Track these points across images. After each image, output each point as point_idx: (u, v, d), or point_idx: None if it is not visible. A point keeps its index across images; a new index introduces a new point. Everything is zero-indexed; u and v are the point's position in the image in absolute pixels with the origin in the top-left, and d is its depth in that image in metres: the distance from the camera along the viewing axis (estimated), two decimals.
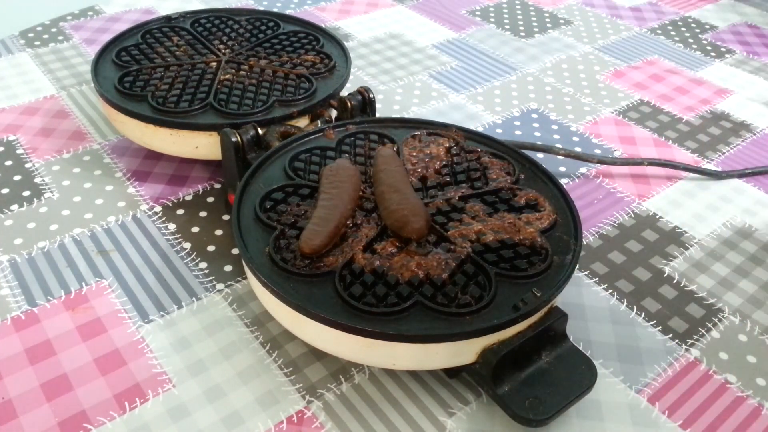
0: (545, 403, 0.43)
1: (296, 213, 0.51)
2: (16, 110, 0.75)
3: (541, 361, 0.46)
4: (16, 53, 0.86)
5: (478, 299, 0.44)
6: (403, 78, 0.85)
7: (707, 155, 0.74)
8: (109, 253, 0.57)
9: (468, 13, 1.02)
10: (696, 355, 0.51)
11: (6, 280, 0.55)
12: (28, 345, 0.49)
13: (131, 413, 0.45)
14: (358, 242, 0.48)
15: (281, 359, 0.49)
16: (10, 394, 0.46)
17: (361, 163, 0.56)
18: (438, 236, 0.49)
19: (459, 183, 0.55)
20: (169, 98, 0.63)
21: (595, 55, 0.92)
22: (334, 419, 0.45)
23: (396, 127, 0.61)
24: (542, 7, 1.05)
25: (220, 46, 0.72)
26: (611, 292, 0.56)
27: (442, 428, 0.45)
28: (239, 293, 0.54)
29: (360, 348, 0.43)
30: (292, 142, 0.58)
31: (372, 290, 0.44)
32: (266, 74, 0.67)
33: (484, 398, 0.47)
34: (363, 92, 0.63)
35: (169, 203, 0.63)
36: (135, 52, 0.70)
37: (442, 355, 0.43)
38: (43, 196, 0.63)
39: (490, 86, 0.84)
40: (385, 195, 0.50)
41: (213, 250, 0.58)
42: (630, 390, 0.48)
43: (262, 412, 0.46)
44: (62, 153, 0.69)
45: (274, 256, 0.46)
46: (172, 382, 0.47)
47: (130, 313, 0.52)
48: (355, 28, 0.96)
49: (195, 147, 0.61)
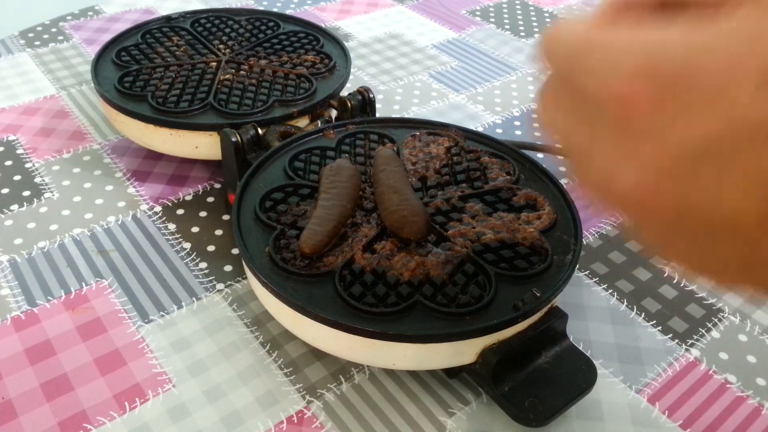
0: (545, 403, 0.43)
1: (296, 213, 0.51)
2: (16, 110, 0.75)
3: (541, 361, 0.46)
4: (16, 53, 0.86)
5: (478, 299, 0.44)
6: (403, 78, 0.85)
7: None
8: (109, 253, 0.57)
9: (468, 13, 1.02)
10: (696, 355, 0.51)
11: (6, 280, 0.55)
12: (28, 345, 0.49)
13: (131, 413, 0.45)
14: (358, 242, 0.48)
15: (281, 359, 0.49)
16: (10, 394, 0.46)
17: (361, 163, 0.56)
18: (438, 236, 0.49)
19: (459, 183, 0.55)
20: (169, 98, 0.63)
21: None
22: (334, 419, 0.45)
23: (396, 127, 0.61)
24: (542, 7, 1.05)
25: (220, 46, 0.72)
26: (611, 292, 0.56)
27: (442, 428, 0.45)
28: (239, 293, 0.54)
29: (360, 348, 0.43)
30: (292, 142, 0.58)
31: (372, 290, 0.44)
32: (266, 74, 0.67)
33: (484, 398, 0.47)
34: (363, 92, 0.63)
35: (169, 203, 0.63)
36: (135, 52, 0.70)
37: (442, 355, 0.43)
38: (43, 196, 0.63)
39: (490, 86, 0.84)
40: (384, 195, 0.50)
41: (213, 250, 0.58)
42: (630, 390, 0.48)
43: (262, 412, 0.46)
44: (62, 153, 0.69)
45: (274, 256, 0.46)
46: (172, 382, 0.47)
47: (130, 313, 0.52)
48: (355, 28, 0.96)
49: (195, 147, 0.61)
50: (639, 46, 0.22)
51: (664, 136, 0.22)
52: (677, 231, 0.24)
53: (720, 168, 0.21)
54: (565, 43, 0.26)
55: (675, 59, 0.21)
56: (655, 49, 0.22)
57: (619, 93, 0.22)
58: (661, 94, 0.21)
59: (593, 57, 0.24)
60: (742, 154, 0.20)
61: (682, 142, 0.21)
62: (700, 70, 0.21)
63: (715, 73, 0.20)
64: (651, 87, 0.22)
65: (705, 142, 0.21)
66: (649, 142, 0.22)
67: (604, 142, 0.24)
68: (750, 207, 0.21)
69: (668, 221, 0.23)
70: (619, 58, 0.23)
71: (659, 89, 0.21)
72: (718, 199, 0.21)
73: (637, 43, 0.23)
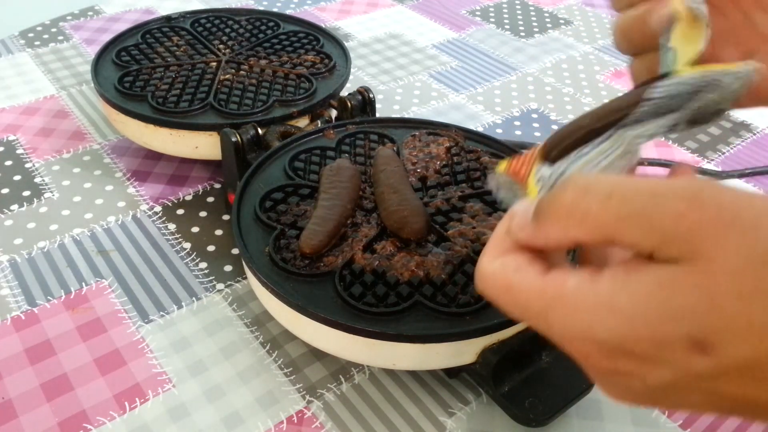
0: (545, 403, 0.43)
1: (296, 213, 0.51)
2: (16, 110, 0.75)
3: (541, 361, 0.46)
4: (16, 53, 0.86)
5: (478, 299, 0.44)
6: (403, 78, 0.85)
7: (707, 155, 0.74)
8: (109, 253, 0.57)
9: (468, 13, 1.02)
10: None
11: (6, 280, 0.55)
12: (28, 345, 0.49)
13: (131, 413, 0.45)
14: (358, 242, 0.48)
15: (281, 359, 0.49)
16: (10, 394, 0.46)
17: (361, 163, 0.56)
18: (438, 236, 0.49)
19: (459, 183, 0.55)
20: (169, 98, 0.63)
21: (595, 55, 0.92)
22: (334, 419, 0.45)
23: (396, 127, 0.61)
24: (542, 7, 1.05)
25: (220, 46, 0.72)
26: None
27: (442, 428, 0.45)
28: (239, 293, 0.54)
29: (360, 348, 0.43)
30: (292, 142, 0.58)
31: (372, 290, 0.44)
32: (266, 74, 0.67)
33: (484, 398, 0.47)
34: (363, 92, 0.63)
35: (169, 203, 0.63)
36: (135, 52, 0.70)
37: (442, 355, 0.43)
38: (43, 196, 0.63)
39: (490, 86, 0.84)
40: (384, 195, 0.50)
41: (213, 250, 0.58)
42: None
43: (262, 412, 0.46)
44: (62, 153, 0.69)
45: (274, 256, 0.46)
46: (172, 382, 0.47)
47: (130, 313, 0.52)
48: (355, 28, 0.96)
49: (195, 147, 0.61)
50: (574, 316, 0.25)
51: (628, 380, 0.25)
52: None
53: (683, 395, 0.25)
54: (504, 303, 0.28)
55: (607, 329, 0.24)
56: (589, 320, 0.25)
57: (576, 351, 0.26)
58: (609, 353, 0.25)
59: (541, 320, 0.27)
60: (698, 388, 0.24)
61: (645, 383, 0.25)
62: (633, 340, 0.24)
63: (647, 341, 0.23)
64: (599, 349, 0.25)
65: (664, 383, 0.24)
66: (619, 382, 0.26)
67: (587, 371, 0.28)
68: (721, 410, 0.26)
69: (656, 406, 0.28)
70: (563, 326, 0.26)
71: (606, 350, 0.25)
72: (690, 405, 0.26)
73: (571, 311, 0.25)
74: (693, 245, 0.23)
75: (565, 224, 0.26)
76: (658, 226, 0.23)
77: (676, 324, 0.23)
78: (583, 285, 0.25)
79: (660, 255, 0.24)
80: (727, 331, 0.22)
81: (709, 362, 0.23)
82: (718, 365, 0.23)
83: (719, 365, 0.23)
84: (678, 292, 0.23)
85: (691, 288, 0.23)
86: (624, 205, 0.24)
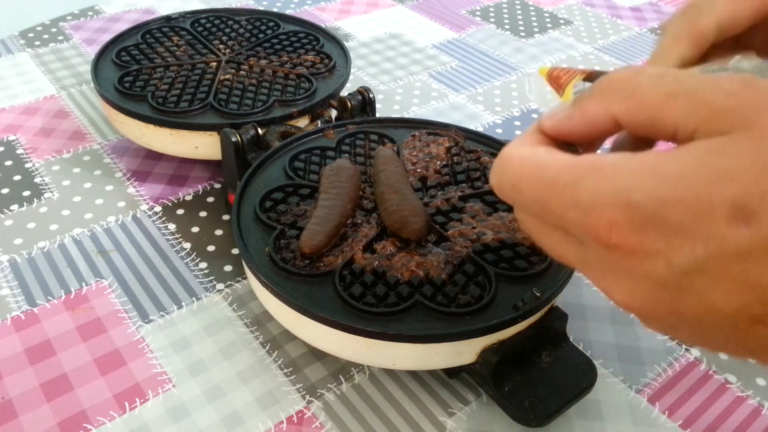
0: (545, 403, 0.43)
1: (296, 213, 0.51)
2: (16, 110, 0.75)
3: (541, 361, 0.46)
4: (16, 53, 0.86)
5: (478, 299, 0.44)
6: (403, 78, 0.85)
7: None
8: (109, 253, 0.57)
9: (468, 13, 1.02)
10: (696, 355, 0.51)
11: (6, 280, 0.55)
12: (28, 345, 0.49)
13: (131, 413, 0.45)
14: (358, 242, 0.48)
15: (281, 359, 0.49)
16: (10, 394, 0.46)
17: (361, 163, 0.56)
18: (438, 236, 0.49)
19: (459, 183, 0.55)
20: (169, 98, 0.63)
21: (595, 55, 0.92)
22: (334, 419, 0.45)
23: (396, 127, 0.61)
24: (542, 7, 1.05)
25: (220, 46, 0.72)
26: None
27: (442, 428, 0.45)
28: (239, 293, 0.54)
29: (360, 348, 0.43)
30: (292, 142, 0.58)
31: (372, 290, 0.44)
32: (266, 74, 0.67)
33: (484, 398, 0.47)
34: (363, 92, 0.63)
35: (169, 203, 0.63)
36: (135, 52, 0.70)
37: (442, 355, 0.43)
38: (43, 196, 0.63)
39: (490, 86, 0.84)
40: (384, 195, 0.50)
41: (213, 250, 0.58)
42: (630, 390, 0.48)
43: (262, 412, 0.46)
44: (62, 153, 0.69)
45: (274, 256, 0.46)
46: (172, 382, 0.47)
47: (130, 313, 0.52)
48: (355, 28, 0.96)
49: (195, 147, 0.61)
50: (610, 180, 0.24)
51: (652, 261, 0.23)
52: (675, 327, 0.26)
53: (708, 283, 0.23)
54: (528, 181, 0.27)
55: (646, 191, 0.23)
56: (627, 182, 0.23)
57: (601, 221, 0.24)
58: (639, 224, 0.23)
59: (567, 192, 0.25)
60: (727, 272, 0.22)
61: (671, 265, 0.23)
62: (673, 204, 0.22)
63: (687, 207, 0.22)
64: (631, 217, 0.23)
65: (692, 263, 0.23)
66: (638, 267, 0.24)
67: (593, 265, 0.26)
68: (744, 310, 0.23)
69: (665, 322, 0.26)
70: (594, 191, 0.24)
71: (637, 219, 0.23)
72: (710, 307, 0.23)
73: (608, 175, 0.24)
74: (747, 117, 0.22)
75: (609, 97, 0.25)
76: (711, 99, 0.23)
77: (723, 186, 0.22)
78: (624, 155, 0.24)
79: (706, 130, 0.23)
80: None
81: (747, 234, 0.21)
82: (755, 237, 0.21)
83: (756, 237, 0.21)
84: (729, 155, 0.22)
85: (744, 151, 0.22)
86: (676, 83, 0.24)
